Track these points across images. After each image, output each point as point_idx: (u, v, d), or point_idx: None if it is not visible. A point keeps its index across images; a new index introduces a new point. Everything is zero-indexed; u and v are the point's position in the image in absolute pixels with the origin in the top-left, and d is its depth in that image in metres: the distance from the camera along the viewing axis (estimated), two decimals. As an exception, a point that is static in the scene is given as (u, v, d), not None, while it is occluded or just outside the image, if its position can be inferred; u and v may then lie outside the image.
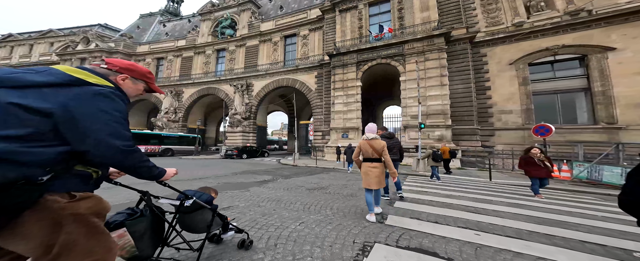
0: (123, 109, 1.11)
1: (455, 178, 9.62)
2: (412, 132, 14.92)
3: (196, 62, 27.43)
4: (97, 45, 31.39)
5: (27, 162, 0.87)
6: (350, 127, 17.25)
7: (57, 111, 0.94)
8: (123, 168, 1.14)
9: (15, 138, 0.87)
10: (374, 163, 3.58)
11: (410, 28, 16.59)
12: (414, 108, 14.82)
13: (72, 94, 0.98)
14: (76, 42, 33.67)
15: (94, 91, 1.03)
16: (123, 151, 1.06)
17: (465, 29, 15.94)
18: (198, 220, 1.96)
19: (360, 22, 19.19)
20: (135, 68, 1.28)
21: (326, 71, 19.88)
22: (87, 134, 0.98)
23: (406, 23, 17.15)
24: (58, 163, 0.96)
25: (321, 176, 8.84)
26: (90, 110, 1.00)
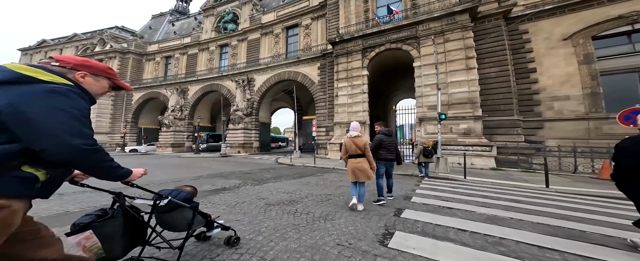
0: (82, 106, 1.04)
1: (492, 183, 7.12)
2: (429, 125, 12.35)
3: (201, 59, 26.39)
4: (111, 46, 31.56)
5: None
6: (356, 120, 15.00)
7: (4, 109, 0.89)
8: (83, 168, 1.09)
9: None
10: (357, 158, 3.73)
11: (425, 7, 13.94)
12: (431, 97, 12.27)
13: (23, 92, 0.93)
14: (95, 44, 34.26)
15: (47, 88, 0.97)
16: (83, 150, 0.99)
17: (496, 3, 13.03)
18: (178, 219, 1.88)
19: (366, 4, 16.77)
20: (91, 64, 1.18)
21: (329, 62, 17.72)
22: (41, 132, 0.92)
23: (419, 1, 14.51)
24: (1, 162, 0.89)
25: (307, 181, 6.81)
26: (44, 108, 0.94)
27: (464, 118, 11.63)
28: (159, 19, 36.29)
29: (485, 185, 6.77)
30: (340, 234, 2.67)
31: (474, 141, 11.25)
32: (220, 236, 2.46)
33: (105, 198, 3.98)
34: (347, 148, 3.77)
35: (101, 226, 1.45)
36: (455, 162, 10.94)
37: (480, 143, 11.08)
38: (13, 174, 0.92)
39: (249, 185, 5.97)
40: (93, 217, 1.49)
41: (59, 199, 4.07)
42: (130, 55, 31.11)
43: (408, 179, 7.74)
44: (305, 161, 13.07)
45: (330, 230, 2.78)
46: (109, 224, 1.49)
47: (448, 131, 11.73)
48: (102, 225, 1.46)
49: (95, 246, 1.43)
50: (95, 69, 1.18)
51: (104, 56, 31.52)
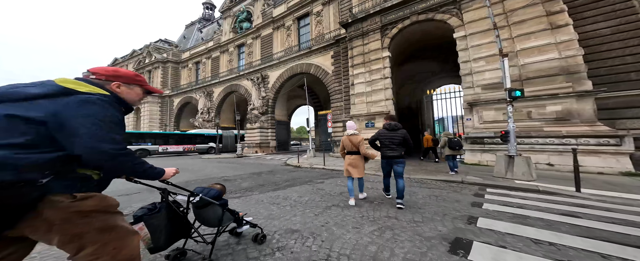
0: (111, 113, 1.08)
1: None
2: (487, 110, 8.69)
3: (222, 61, 26.06)
4: (155, 57, 33.95)
5: (24, 166, 0.89)
6: (376, 112, 12.04)
7: (49, 120, 0.96)
8: (115, 170, 1.13)
9: (13, 145, 0.90)
10: (353, 155, 3.80)
11: (462, -43, 10.14)
12: (487, 73, 8.69)
13: (63, 103, 1.00)
14: (144, 57, 37.47)
15: (82, 98, 1.03)
16: (112, 155, 1.04)
17: None
18: (210, 215, 1.95)
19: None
20: (120, 74, 1.24)
21: (343, 48, 14.95)
22: (75, 139, 0.98)
23: (454, -48, 10.69)
24: (56, 166, 0.97)
25: (300, 192, 4.53)
26: (76, 117, 0.99)
27: (554, 97, 7.51)
28: (190, 28, 37.81)
29: (631, 208, 3.47)
30: None
31: (580, 130, 7.03)
32: (249, 233, 2.46)
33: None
34: (344, 145, 3.88)
35: (150, 219, 1.57)
36: (543, 162, 7.22)
37: (595, 132, 6.84)
38: (72, 176, 1.03)
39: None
40: (145, 210, 1.61)
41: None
42: (169, 64, 32.89)
43: (456, 189, 4.81)
44: (315, 162, 10.75)
45: None
46: (156, 217, 1.60)
47: (525, 117, 7.85)
48: (150, 217, 1.58)
49: (146, 237, 1.56)
50: (124, 77, 1.24)
51: (151, 67, 34.08)
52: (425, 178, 6.40)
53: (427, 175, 6.66)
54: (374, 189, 5.05)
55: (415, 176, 6.67)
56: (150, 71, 34.31)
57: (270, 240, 2.46)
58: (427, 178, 6.31)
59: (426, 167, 8.61)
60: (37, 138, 0.94)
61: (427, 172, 7.21)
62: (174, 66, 32.89)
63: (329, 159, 12.59)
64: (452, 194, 4.53)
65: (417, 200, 4.08)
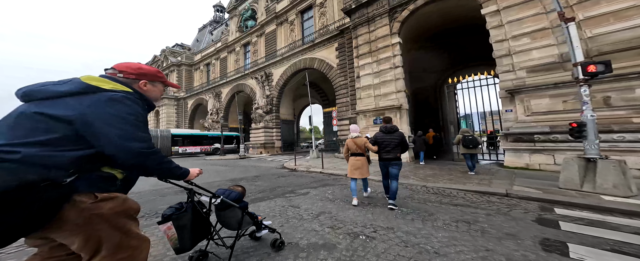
0: (136, 111, 1.05)
1: None
2: (537, 98, 6.52)
3: (230, 61, 25.48)
4: (170, 61, 34.60)
5: (49, 165, 0.87)
6: (386, 106, 10.31)
7: (76, 118, 0.93)
8: (144, 169, 1.09)
9: (40, 143, 0.88)
10: (357, 156, 3.81)
11: None
12: (535, 52, 6.71)
13: (89, 101, 0.97)
14: (162, 60, 38.43)
15: (107, 96, 1.00)
16: (140, 154, 1.01)
17: None
18: (230, 217, 1.90)
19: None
20: (145, 71, 1.20)
21: (348, 39, 13.32)
22: (104, 138, 0.95)
23: None
24: (80, 165, 0.93)
25: (265, 211, 3.07)
26: (103, 115, 0.96)
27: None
28: (203, 31, 38.05)
29: None
30: None
31: None
32: (268, 237, 2.35)
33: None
34: (349, 147, 3.90)
35: (177, 219, 1.51)
36: (633, 167, 5.01)
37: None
38: (97, 174, 0.99)
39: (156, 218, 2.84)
40: (173, 210, 1.55)
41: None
42: (183, 67, 33.22)
43: (500, 208, 3.02)
44: (314, 164, 9.30)
45: None
46: (182, 217, 1.53)
47: (600, 105, 5.61)
48: (178, 217, 1.51)
49: (173, 237, 1.50)
50: (149, 75, 1.20)
51: (167, 70, 34.72)
52: (447, 187, 4.68)
53: (451, 183, 4.92)
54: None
55: (434, 184, 4.96)
56: (167, 75, 34.99)
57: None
58: (451, 188, 4.59)
59: (445, 169, 6.78)
60: (64, 136, 0.92)
61: (451, 179, 5.44)
62: (188, 68, 33.16)
63: (333, 160, 11.06)
64: (497, 219, 2.85)
65: (435, 233, 2.49)
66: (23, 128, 0.89)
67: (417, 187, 4.99)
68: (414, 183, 5.26)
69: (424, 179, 5.55)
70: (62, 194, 0.87)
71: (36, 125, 0.89)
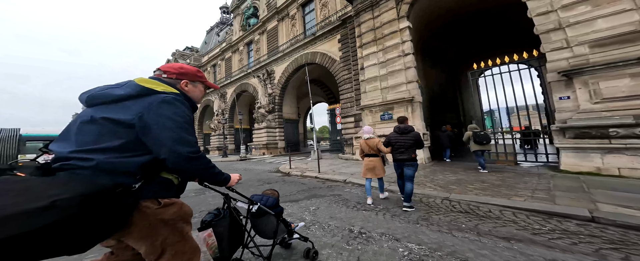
0: (185, 113, 1.02)
1: None
2: (610, 80, 4.80)
3: (234, 61, 24.89)
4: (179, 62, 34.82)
5: (121, 171, 0.87)
6: (395, 100, 8.92)
7: (136, 122, 0.92)
8: (190, 173, 1.07)
9: (109, 149, 0.88)
10: (371, 157, 3.78)
11: None
12: (601, 22, 5.02)
13: (145, 104, 0.96)
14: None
15: (160, 98, 0.98)
16: (189, 158, 0.97)
17: None
18: (266, 225, 1.79)
19: None
20: (186, 70, 1.17)
21: (351, 30, 12.00)
22: (158, 142, 0.93)
23: None
24: (145, 170, 0.93)
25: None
26: (157, 118, 0.95)
27: None
28: (210, 33, 38.01)
29: None
30: None
31: None
32: (298, 246, 2.22)
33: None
34: (362, 148, 3.88)
35: (217, 226, 1.44)
36: None
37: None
38: (157, 180, 0.98)
39: None
40: (212, 216, 1.48)
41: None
42: (190, 70, 33.39)
43: (580, 247, 1.67)
44: (311, 167, 8.11)
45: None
46: (221, 224, 1.47)
47: None
48: (217, 224, 1.45)
49: (213, 245, 1.43)
50: (190, 75, 1.18)
51: (174, 75, 35.06)
52: (483, 201, 3.32)
53: (487, 194, 3.53)
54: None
55: (462, 196, 3.61)
56: (177, 78, 35.30)
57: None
58: (489, 204, 3.23)
59: (471, 172, 5.33)
60: (129, 142, 0.91)
61: (483, 188, 4.03)
62: (195, 71, 33.20)
63: (335, 162, 9.82)
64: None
65: None
66: (91, 134, 0.90)
67: (437, 200, 3.66)
68: (432, 193, 3.93)
69: (445, 188, 4.19)
70: (132, 200, 0.87)
71: (103, 130, 0.90)
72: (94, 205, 0.74)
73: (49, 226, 0.65)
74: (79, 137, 0.89)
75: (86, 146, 0.86)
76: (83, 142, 0.88)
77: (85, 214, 0.72)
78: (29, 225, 0.63)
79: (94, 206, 0.74)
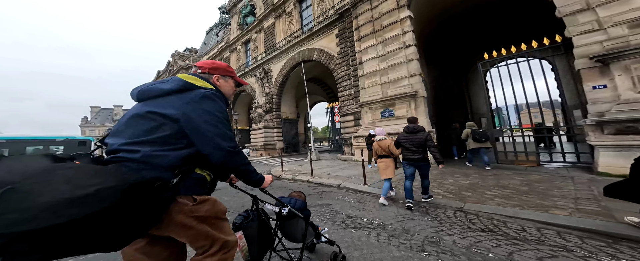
0: (223, 109, 1.05)
1: None
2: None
3: (232, 60, 24.33)
4: (179, 64, 34.56)
5: (162, 165, 0.87)
6: (397, 95, 8.17)
7: (180, 116, 0.93)
8: (230, 169, 1.09)
9: (153, 142, 0.89)
10: (383, 158, 3.77)
11: None
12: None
13: (187, 99, 0.97)
14: (172, 65, 38.68)
15: (200, 93, 1.00)
16: (230, 153, 0.99)
17: None
18: (295, 228, 1.72)
19: None
20: (217, 65, 1.21)
21: (348, 23, 11.27)
22: (202, 136, 0.95)
23: None
24: (182, 166, 0.93)
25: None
26: (200, 112, 0.96)
27: None
28: (210, 34, 37.61)
29: None
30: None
31: None
32: (324, 250, 2.11)
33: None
34: (375, 150, 3.85)
35: (247, 228, 1.42)
36: None
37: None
38: (193, 176, 0.97)
39: None
40: (242, 218, 1.46)
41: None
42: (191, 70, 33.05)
43: None
44: (306, 170, 7.41)
45: None
46: (250, 226, 1.44)
47: None
48: (247, 226, 1.42)
49: (244, 248, 1.39)
50: (221, 69, 1.20)
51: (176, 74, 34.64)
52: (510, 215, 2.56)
53: (514, 205, 2.77)
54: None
55: (482, 207, 2.87)
56: (177, 79, 35.13)
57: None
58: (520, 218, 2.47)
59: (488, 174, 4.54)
60: (171, 135, 0.92)
61: (507, 194, 3.26)
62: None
63: (333, 163, 9.10)
64: None
65: None
66: (138, 127, 0.92)
67: (448, 212, 2.92)
68: (442, 202, 3.19)
69: (457, 195, 3.44)
70: (170, 195, 0.87)
71: (149, 124, 0.91)
72: (135, 196, 0.73)
73: (90, 217, 0.64)
74: (128, 130, 0.91)
75: (134, 139, 0.88)
76: (132, 135, 0.90)
77: (125, 206, 0.70)
78: (71, 213, 0.61)
79: (134, 197, 0.73)
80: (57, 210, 0.59)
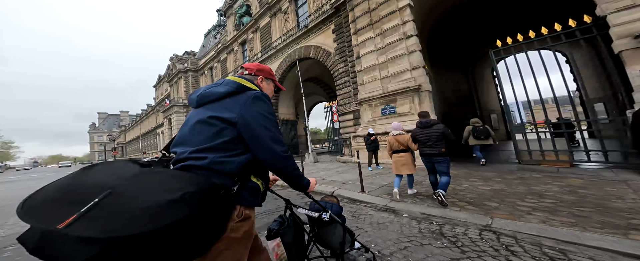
0: (273, 111, 0.99)
1: None
2: None
3: (229, 62, 23.80)
4: (177, 67, 34.15)
5: (226, 171, 0.83)
6: (398, 90, 7.43)
7: (238, 119, 0.89)
8: (281, 174, 0.97)
9: (218, 148, 0.85)
10: (400, 153, 3.60)
11: None
12: None
13: (242, 101, 0.93)
14: (171, 68, 38.26)
15: (252, 95, 0.95)
16: (284, 157, 0.92)
17: None
18: (332, 235, 1.56)
19: None
20: (262, 67, 1.16)
21: (345, 17, 10.56)
22: (257, 140, 0.89)
23: None
24: (241, 173, 0.87)
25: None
26: (254, 115, 0.91)
27: None
28: (208, 37, 37.21)
29: None
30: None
31: None
32: (357, 257, 1.94)
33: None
34: (390, 145, 3.71)
35: (284, 235, 1.32)
36: None
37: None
38: (248, 185, 0.89)
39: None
40: (277, 224, 1.36)
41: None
42: (189, 73, 32.53)
43: None
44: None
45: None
46: (288, 233, 1.33)
47: None
48: (284, 232, 1.32)
49: (283, 256, 1.29)
50: (265, 72, 1.15)
51: (176, 78, 34.51)
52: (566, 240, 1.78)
53: (568, 223, 1.99)
54: None
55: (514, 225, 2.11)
56: (177, 82, 34.72)
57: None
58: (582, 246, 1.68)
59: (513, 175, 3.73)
60: (231, 140, 0.88)
61: (544, 205, 2.47)
62: (193, 74, 32.40)
63: (330, 166, 8.34)
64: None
65: None
66: (202, 133, 0.88)
67: (471, 231, 2.18)
68: (461, 217, 2.43)
69: (480, 206, 2.67)
70: (231, 205, 0.82)
71: (212, 129, 0.87)
72: (209, 204, 0.71)
73: (175, 224, 0.62)
74: (194, 138, 0.88)
75: (200, 145, 0.85)
76: (198, 142, 0.86)
77: (201, 214, 0.68)
78: (169, 216, 0.60)
79: (208, 204, 0.70)
80: (155, 214, 0.59)
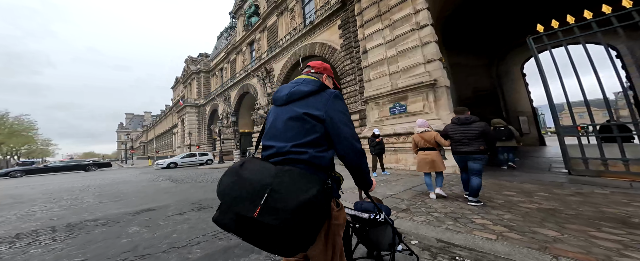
0: (348, 109, 0.99)
1: None
2: None
3: (238, 62, 23.80)
4: (191, 69, 34.95)
5: (323, 165, 0.86)
6: (410, 86, 6.55)
7: (325, 117, 0.90)
8: (356, 171, 0.96)
9: (313, 144, 0.87)
10: (426, 151, 3.49)
11: None
12: None
13: (324, 99, 0.94)
14: (185, 69, 39.30)
15: (332, 93, 0.96)
16: (360, 154, 0.92)
17: None
18: (381, 236, 1.47)
19: None
20: (325, 66, 1.15)
21: (351, 12, 9.85)
22: (340, 137, 0.90)
23: None
24: (331, 167, 0.91)
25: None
26: (336, 113, 0.92)
27: None
28: (220, 39, 37.93)
29: None
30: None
31: None
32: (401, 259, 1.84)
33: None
34: (415, 142, 3.60)
35: None
36: None
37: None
38: (334, 178, 0.92)
39: None
40: None
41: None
42: (201, 74, 33.20)
43: None
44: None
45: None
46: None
47: None
48: None
49: None
50: (328, 70, 1.16)
51: (189, 79, 35.35)
52: None
53: None
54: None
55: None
56: (190, 83, 35.51)
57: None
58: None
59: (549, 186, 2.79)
60: (320, 136, 0.89)
61: (634, 240, 1.56)
62: (205, 75, 32.99)
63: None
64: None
65: None
66: (296, 130, 0.89)
67: None
68: (497, 250, 1.62)
69: (527, 235, 1.81)
70: (329, 198, 0.83)
71: (305, 126, 0.89)
72: (326, 198, 0.76)
73: (311, 217, 0.69)
74: (288, 133, 0.89)
75: (298, 140, 0.87)
76: (294, 137, 0.88)
77: (323, 207, 0.75)
78: (305, 213, 0.67)
79: (326, 198, 0.76)
80: (301, 209, 0.67)
